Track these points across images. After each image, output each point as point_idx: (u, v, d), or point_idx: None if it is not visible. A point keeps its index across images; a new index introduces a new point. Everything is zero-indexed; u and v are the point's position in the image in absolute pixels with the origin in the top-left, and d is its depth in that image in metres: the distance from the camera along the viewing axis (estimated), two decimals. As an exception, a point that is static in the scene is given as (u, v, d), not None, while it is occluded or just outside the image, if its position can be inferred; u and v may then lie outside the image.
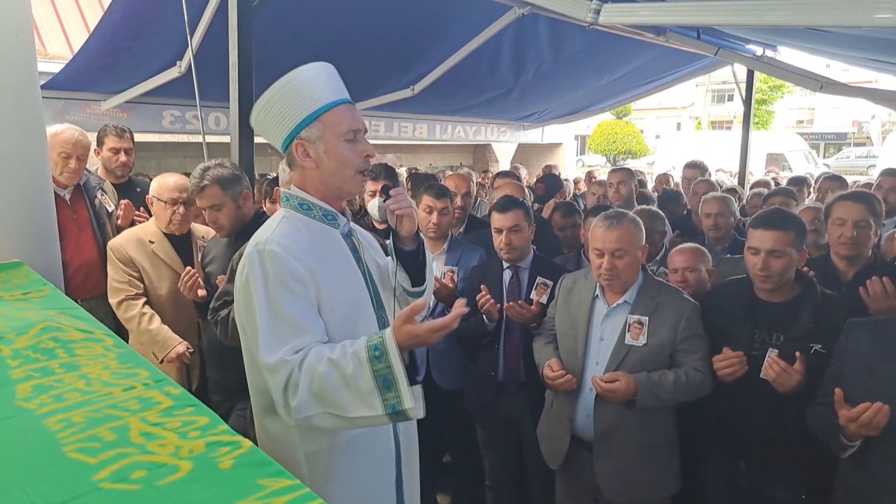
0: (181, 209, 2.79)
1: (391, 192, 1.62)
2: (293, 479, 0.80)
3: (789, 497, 2.11)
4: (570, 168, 12.69)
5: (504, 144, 11.19)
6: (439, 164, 11.70)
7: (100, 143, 3.54)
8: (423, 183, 4.12)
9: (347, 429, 1.42)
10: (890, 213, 3.39)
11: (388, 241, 1.69)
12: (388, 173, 3.37)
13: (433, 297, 2.78)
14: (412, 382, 1.33)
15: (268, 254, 1.39)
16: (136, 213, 3.38)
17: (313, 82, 1.47)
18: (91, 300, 2.97)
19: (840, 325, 1.91)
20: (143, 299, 2.76)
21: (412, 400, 1.31)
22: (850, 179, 5.67)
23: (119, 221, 3.34)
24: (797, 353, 1.95)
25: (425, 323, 1.36)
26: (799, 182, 5.31)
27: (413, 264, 1.67)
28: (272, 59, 3.49)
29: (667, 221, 3.30)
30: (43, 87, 4.56)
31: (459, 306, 1.38)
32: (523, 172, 7.21)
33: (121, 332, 2.68)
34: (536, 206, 4.54)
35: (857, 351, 1.82)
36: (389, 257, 1.71)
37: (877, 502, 1.72)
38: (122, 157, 3.48)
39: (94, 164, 3.50)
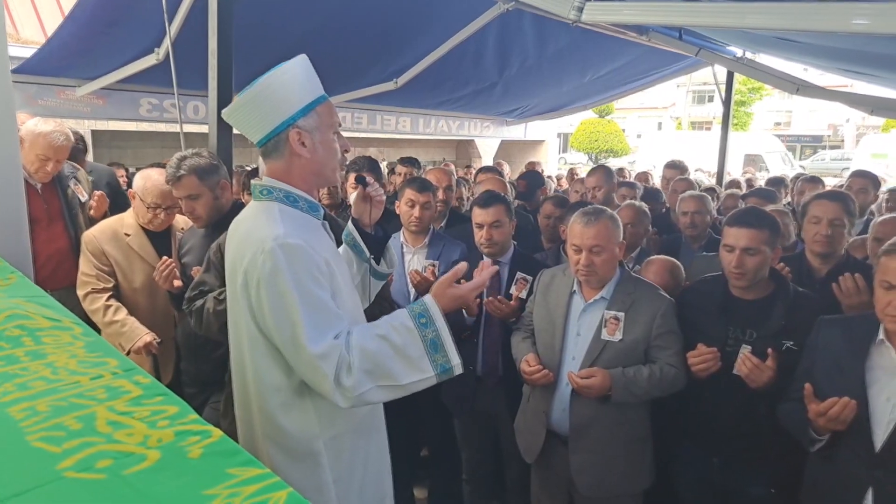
0: (162, 214, 2.74)
1: (368, 181, 1.75)
2: (262, 467, 0.79)
3: (760, 492, 2.15)
4: (552, 165, 12.75)
5: (487, 140, 11.21)
6: (422, 159, 11.67)
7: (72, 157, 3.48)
8: (414, 164, 4.18)
9: (398, 396, 1.49)
10: (860, 213, 3.46)
11: (349, 226, 1.81)
12: (370, 165, 3.37)
13: (414, 290, 2.79)
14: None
15: (291, 247, 1.40)
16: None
17: (307, 74, 1.52)
18: (61, 290, 2.92)
19: (812, 323, 1.95)
20: (109, 293, 2.71)
21: (458, 356, 1.47)
22: (826, 181, 5.77)
23: (92, 212, 3.28)
24: (769, 350, 1.99)
25: (465, 283, 1.52)
26: (776, 183, 5.41)
27: (377, 247, 1.80)
28: (252, 47, 3.45)
29: (650, 217, 3.33)
30: (15, 71, 4.47)
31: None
32: (506, 169, 7.23)
33: (91, 322, 2.64)
34: (518, 202, 4.55)
35: (827, 347, 1.85)
36: (343, 245, 1.82)
37: (842, 495, 1.76)
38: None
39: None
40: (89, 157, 6.47)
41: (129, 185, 3.37)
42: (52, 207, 3.09)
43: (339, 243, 1.80)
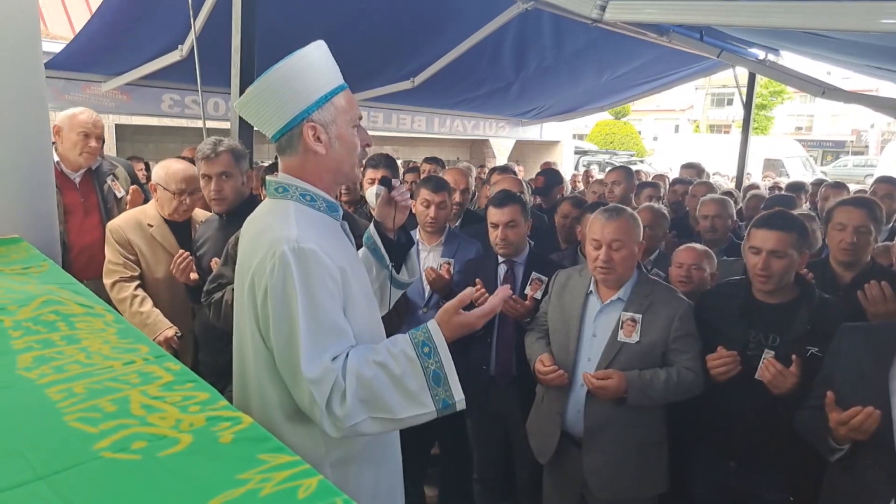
0: (187, 199, 2.78)
1: (394, 184, 1.65)
2: (293, 454, 0.81)
3: (777, 498, 2.13)
4: (567, 166, 12.70)
5: (502, 140, 11.20)
6: (436, 158, 11.67)
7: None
8: (438, 163, 4.26)
9: (392, 430, 1.39)
10: (886, 220, 3.42)
11: (371, 229, 1.71)
12: (387, 163, 3.38)
13: (429, 287, 2.80)
14: None
15: (306, 253, 1.27)
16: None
17: (324, 62, 1.39)
18: (95, 280, 2.97)
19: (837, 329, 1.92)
20: (137, 282, 2.75)
21: (461, 392, 1.34)
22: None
23: (128, 207, 3.34)
24: (794, 356, 1.96)
25: (474, 311, 1.39)
26: (797, 188, 5.35)
27: (399, 253, 1.69)
28: (274, 45, 3.47)
29: (668, 219, 3.30)
30: (45, 66, 4.54)
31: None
32: (517, 168, 7.22)
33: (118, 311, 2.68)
34: (535, 198, 4.55)
35: (850, 355, 1.82)
36: (363, 248, 1.71)
37: (863, 504, 1.74)
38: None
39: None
40: (112, 151, 6.60)
41: (149, 178, 3.41)
42: (89, 201, 3.19)
43: (359, 244, 1.71)
